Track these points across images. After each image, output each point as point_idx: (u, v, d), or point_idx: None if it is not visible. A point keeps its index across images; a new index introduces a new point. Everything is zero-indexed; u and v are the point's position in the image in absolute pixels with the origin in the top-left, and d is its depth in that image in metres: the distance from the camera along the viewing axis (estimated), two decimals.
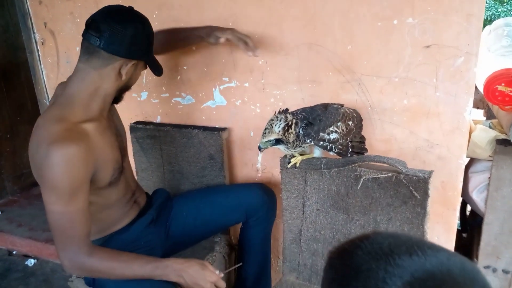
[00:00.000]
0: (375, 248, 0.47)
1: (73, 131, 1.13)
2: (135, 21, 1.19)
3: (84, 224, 1.15)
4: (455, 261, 0.45)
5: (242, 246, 1.59)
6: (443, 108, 1.33)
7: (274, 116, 1.25)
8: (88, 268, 1.16)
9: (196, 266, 1.19)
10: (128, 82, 1.26)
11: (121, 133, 1.39)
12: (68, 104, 1.18)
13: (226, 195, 1.55)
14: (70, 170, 1.09)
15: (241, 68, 1.60)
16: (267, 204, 1.52)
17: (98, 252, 1.17)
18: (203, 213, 1.52)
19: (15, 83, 2.98)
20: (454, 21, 1.24)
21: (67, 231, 1.12)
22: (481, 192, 1.53)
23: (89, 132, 1.17)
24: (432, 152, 1.39)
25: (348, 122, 1.28)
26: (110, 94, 1.24)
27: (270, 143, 1.26)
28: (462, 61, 1.27)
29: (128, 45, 1.16)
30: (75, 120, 1.16)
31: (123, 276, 1.18)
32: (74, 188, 1.10)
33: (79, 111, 1.18)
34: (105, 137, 1.24)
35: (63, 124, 1.13)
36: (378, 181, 1.21)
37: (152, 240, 1.42)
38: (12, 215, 2.77)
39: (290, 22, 1.46)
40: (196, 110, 1.75)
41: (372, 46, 1.36)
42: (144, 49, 1.23)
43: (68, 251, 1.13)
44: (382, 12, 1.31)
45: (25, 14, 2.03)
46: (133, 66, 1.22)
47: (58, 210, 1.10)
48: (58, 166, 1.08)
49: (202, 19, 1.59)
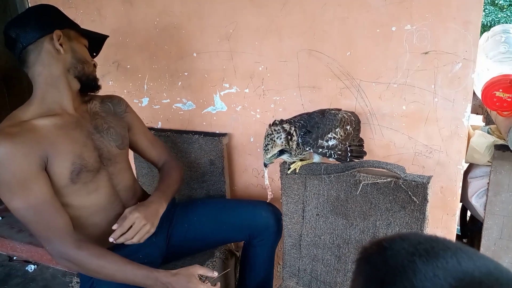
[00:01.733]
0: (419, 250, 0.46)
1: (14, 127, 1.12)
2: (31, 7, 1.24)
3: (56, 214, 1.13)
4: (501, 270, 0.44)
5: (244, 262, 1.56)
6: (441, 113, 1.34)
7: (270, 129, 1.23)
8: (75, 262, 1.13)
9: (182, 280, 1.17)
10: (74, 56, 1.23)
11: (103, 135, 1.30)
12: (26, 104, 1.21)
13: (231, 212, 1.49)
14: (8, 165, 1.07)
15: (241, 74, 1.61)
16: (272, 227, 1.46)
17: (89, 247, 1.15)
18: (205, 228, 1.48)
19: (17, 89, 2.99)
20: (452, 28, 1.25)
21: (40, 224, 1.11)
22: (480, 197, 1.54)
23: (37, 126, 1.15)
24: (431, 157, 1.40)
25: (346, 127, 1.29)
26: (61, 80, 1.21)
27: (275, 157, 1.26)
28: (460, 67, 1.28)
29: (39, 23, 1.17)
30: (26, 118, 1.16)
31: (113, 277, 1.15)
32: (21, 182, 1.08)
33: (34, 109, 1.19)
34: (64, 130, 1.20)
35: (9, 121, 1.15)
36: (377, 186, 1.22)
37: (151, 252, 1.37)
38: (12, 221, 2.77)
39: (289, 29, 1.47)
40: (197, 116, 1.76)
41: (371, 52, 1.37)
42: (58, 18, 1.23)
43: (51, 243, 1.12)
44: (381, 19, 1.33)
45: None
46: (64, 38, 1.20)
47: (19, 207, 1.09)
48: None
49: (202, 26, 1.61)
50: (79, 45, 1.26)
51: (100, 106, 1.36)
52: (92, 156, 1.24)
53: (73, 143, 1.20)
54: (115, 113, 1.39)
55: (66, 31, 1.22)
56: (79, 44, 1.26)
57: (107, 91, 1.93)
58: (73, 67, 1.22)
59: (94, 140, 1.27)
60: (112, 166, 1.31)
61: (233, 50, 1.59)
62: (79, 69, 1.23)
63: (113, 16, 1.78)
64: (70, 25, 1.25)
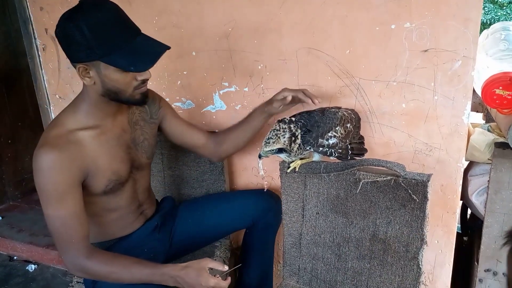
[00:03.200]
0: None
1: (62, 138, 1.13)
2: (71, 19, 1.04)
3: (79, 228, 1.15)
4: None
5: (246, 250, 1.59)
6: (441, 111, 1.34)
7: (278, 125, 1.24)
8: (88, 271, 1.17)
9: (193, 273, 1.18)
10: (103, 86, 1.12)
11: (138, 148, 1.33)
12: (72, 111, 1.20)
13: (232, 201, 1.53)
14: (52, 175, 1.10)
15: (241, 73, 1.61)
16: (273, 209, 1.51)
17: (98, 255, 1.18)
18: (208, 220, 1.51)
19: (17, 89, 2.99)
20: (451, 26, 1.25)
21: (63, 234, 1.14)
22: (480, 195, 1.53)
23: (83, 140, 1.17)
24: (431, 155, 1.40)
25: (347, 125, 1.29)
26: (100, 101, 1.17)
27: (272, 152, 1.26)
28: (460, 65, 1.27)
29: (71, 48, 1.07)
30: (73, 127, 1.16)
31: (122, 279, 1.18)
32: (60, 193, 1.11)
33: (80, 118, 1.19)
34: (106, 147, 1.22)
35: (57, 129, 1.15)
36: (377, 185, 1.22)
37: (155, 247, 1.42)
38: (13, 221, 2.78)
39: (289, 27, 1.47)
40: (196, 115, 1.76)
41: (370, 50, 1.37)
42: (90, 47, 1.04)
43: (68, 254, 1.16)
44: (380, 17, 1.32)
45: (26, 20, 2.05)
46: (91, 70, 1.09)
47: (50, 214, 1.13)
48: (41, 170, 1.10)
49: (202, 25, 1.61)
50: (113, 74, 1.09)
51: (138, 112, 1.35)
52: (125, 169, 1.28)
53: (112, 160, 1.24)
54: (151, 115, 1.39)
55: (96, 63, 1.07)
56: (112, 73, 1.09)
57: None
58: (106, 94, 1.15)
59: (130, 153, 1.31)
60: (138, 174, 1.36)
61: (232, 49, 1.59)
62: (112, 97, 1.15)
63: None
64: (107, 51, 1.05)
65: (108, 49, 1.05)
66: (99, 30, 1.03)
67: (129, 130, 1.31)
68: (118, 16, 1.08)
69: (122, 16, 1.09)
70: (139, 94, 1.17)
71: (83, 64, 1.08)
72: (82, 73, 1.10)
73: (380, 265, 1.27)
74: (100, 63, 1.07)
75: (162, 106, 1.42)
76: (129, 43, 1.08)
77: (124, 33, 1.07)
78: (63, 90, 2.08)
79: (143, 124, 1.36)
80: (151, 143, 1.39)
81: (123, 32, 1.07)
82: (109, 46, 1.05)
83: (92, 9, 1.04)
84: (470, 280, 1.60)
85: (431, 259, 1.50)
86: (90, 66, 1.08)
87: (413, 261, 1.21)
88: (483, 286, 1.47)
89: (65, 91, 2.08)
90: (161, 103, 1.42)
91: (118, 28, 1.07)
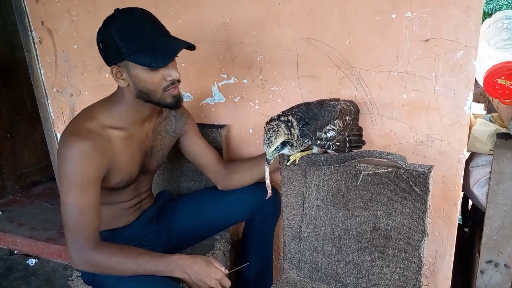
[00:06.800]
0: None
1: (94, 131, 1.18)
2: (104, 25, 1.14)
3: (94, 219, 1.17)
4: None
5: (246, 243, 1.59)
6: (442, 102, 1.32)
7: (269, 125, 1.21)
8: (93, 263, 1.17)
9: (201, 263, 1.19)
10: (136, 87, 1.18)
11: (152, 156, 1.39)
12: (107, 108, 1.24)
13: (231, 194, 1.52)
14: (83, 164, 1.13)
15: (239, 64, 1.59)
16: (273, 201, 1.50)
17: (104, 247, 1.18)
18: (207, 213, 1.52)
19: (14, 82, 2.98)
20: (453, 14, 1.23)
21: (77, 223, 1.15)
22: (482, 186, 1.52)
23: (111, 138, 1.22)
24: (432, 146, 1.38)
25: (345, 118, 1.27)
26: (135, 103, 1.23)
27: (277, 151, 1.23)
28: (462, 54, 1.25)
29: (104, 53, 1.17)
30: (105, 123, 1.22)
31: (128, 270, 1.18)
32: (85, 182, 1.14)
33: (114, 117, 1.23)
34: (129, 149, 1.27)
35: (91, 122, 1.19)
36: (378, 177, 1.20)
37: (153, 239, 1.43)
38: (12, 215, 2.78)
39: (287, 17, 1.45)
40: (195, 107, 1.74)
41: (370, 40, 1.35)
42: (118, 49, 1.11)
43: (76, 244, 1.16)
44: (380, 6, 1.30)
45: (22, 13, 2.03)
46: (124, 71, 1.16)
47: (70, 202, 1.14)
48: (72, 158, 1.13)
49: (199, 16, 1.59)
50: (141, 74, 1.15)
51: (164, 123, 1.41)
52: (136, 171, 1.34)
53: (130, 162, 1.29)
54: (174, 129, 1.44)
55: (125, 63, 1.14)
56: (141, 73, 1.15)
57: (105, 82, 1.92)
58: (140, 96, 1.21)
59: (145, 159, 1.36)
60: (143, 178, 1.42)
61: (230, 40, 1.57)
62: (145, 98, 1.20)
63: (109, 7, 1.75)
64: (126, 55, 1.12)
65: (133, 48, 1.11)
66: (125, 31, 1.11)
67: (151, 138, 1.37)
68: (145, 19, 1.15)
69: (149, 19, 1.16)
70: (170, 96, 1.21)
71: (116, 66, 1.16)
72: (116, 75, 1.17)
73: (381, 257, 1.26)
74: (129, 64, 1.14)
75: (188, 123, 1.47)
76: (152, 42, 1.13)
77: (148, 34, 1.13)
78: (60, 83, 2.06)
79: (164, 135, 1.41)
80: (165, 154, 1.45)
81: (148, 33, 1.13)
82: (133, 46, 1.11)
83: (121, 15, 1.14)
84: (471, 272, 1.60)
85: (432, 251, 1.50)
86: (121, 67, 1.15)
87: (415, 253, 1.20)
88: (485, 277, 1.47)
89: (63, 84, 2.06)
90: (188, 119, 1.48)
91: (142, 29, 1.13)
